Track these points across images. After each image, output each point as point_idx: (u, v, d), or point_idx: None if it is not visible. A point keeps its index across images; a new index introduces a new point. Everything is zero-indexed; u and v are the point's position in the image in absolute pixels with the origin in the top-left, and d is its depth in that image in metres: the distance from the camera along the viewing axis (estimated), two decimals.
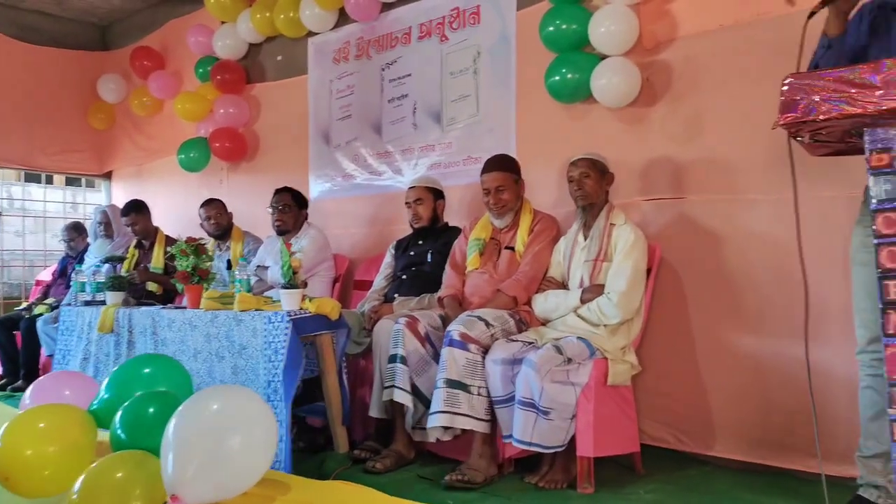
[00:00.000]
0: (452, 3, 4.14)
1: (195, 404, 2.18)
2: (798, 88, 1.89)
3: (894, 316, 1.85)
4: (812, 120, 1.86)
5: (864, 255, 2.12)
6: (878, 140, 1.86)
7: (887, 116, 1.79)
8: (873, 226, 1.87)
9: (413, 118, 4.36)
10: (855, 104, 1.80)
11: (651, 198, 3.30)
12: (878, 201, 1.87)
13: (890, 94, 1.76)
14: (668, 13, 3.28)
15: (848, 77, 1.81)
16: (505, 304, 3.11)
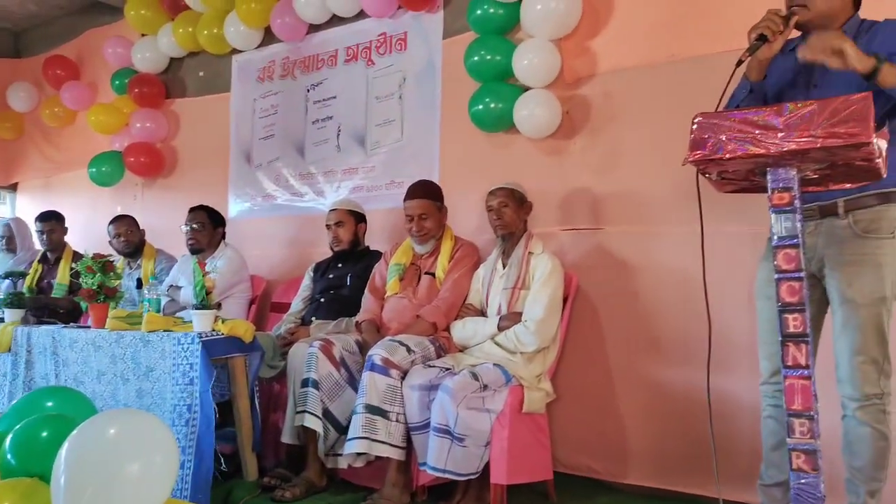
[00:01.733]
0: (380, 29, 4.15)
1: (91, 429, 2.05)
2: (707, 127, 1.95)
3: (793, 348, 1.92)
4: (719, 158, 1.93)
5: (768, 289, 2.20)
6: (779, 180, 1.94)
7: (788, 157, 1.87)
8: (775, 262, 1.95)
9: (337, 140, 4.33)
10: (758, 145, 1.87)
11: (569, 228, 3.36)
12: (779, 238, 1.94)
13: (790, 137, 1.83)
14: (589, 50, 3.37)
15: (753, 119, 1.89)
16: (424, 330, 3.09)
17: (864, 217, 2.06)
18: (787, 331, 1.92)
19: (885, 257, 2.04)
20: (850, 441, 2.08)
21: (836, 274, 2.08)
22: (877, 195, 2.06)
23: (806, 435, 1.90)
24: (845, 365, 2.06)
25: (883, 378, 2.04)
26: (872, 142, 1.75)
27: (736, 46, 2.21)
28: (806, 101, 1.83)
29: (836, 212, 2.09)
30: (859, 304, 2.02)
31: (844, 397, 2.08)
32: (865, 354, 2.02)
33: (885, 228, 2.06)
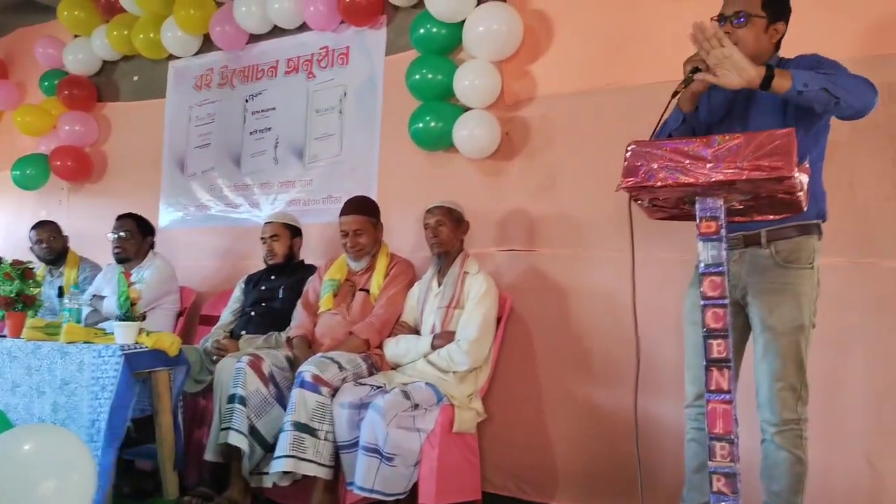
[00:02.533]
0: (322, 42, 4.13)
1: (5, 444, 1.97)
2: (640, 155, 1.99)
3: (716, 373, 1.96)
4: (650, 186, 1.97)
5: (695, 315, 2.25)
6: (707, 209, 1.99)
7: (716, 188, 1.93)
8: (701, 289, 2.00)
9: (274, 152, 4.27)
10: (688, 174, 1.91)
11: (505, 249, 3.39)
12: (706, 265, 1.99)
13: (718, 168, 1.88)
14: (529, 73, 3.42)
15: (683, 149, 1.94)
16: (357, 347, 3.06)
17: (785, 247, 2.13)
18: (711, 356, 1.97)
19: (804, 287, 2.11)
20: (769, 465, 2.13)
21: (757, 302, 2.14)
22: (797, 227, 2.14)
23: (726, 458, 1.94)
24: (765, 390, 2.11)
25: (800, 404, 2.10)
26: (794, 176, 1.81)
27: (670, 78, 2.26)
28: (734, 134, 1.89)
29: (759, 241, 2.16)
30: (779, 332, 2.09)
31: (763, 422, 2.13)
32: (784, 381, 2.08)
33: (805, 259, 2.13)
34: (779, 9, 2.17)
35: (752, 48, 2.11)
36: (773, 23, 2.15)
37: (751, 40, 2.12)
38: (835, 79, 1.95)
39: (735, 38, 2.09)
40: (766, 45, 2.17)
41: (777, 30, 2.18)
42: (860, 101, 1.97)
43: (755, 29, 2.13)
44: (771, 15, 2.14)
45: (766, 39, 2.16)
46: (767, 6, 2.13)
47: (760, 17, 2.13)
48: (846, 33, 2.71)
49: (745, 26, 2.12)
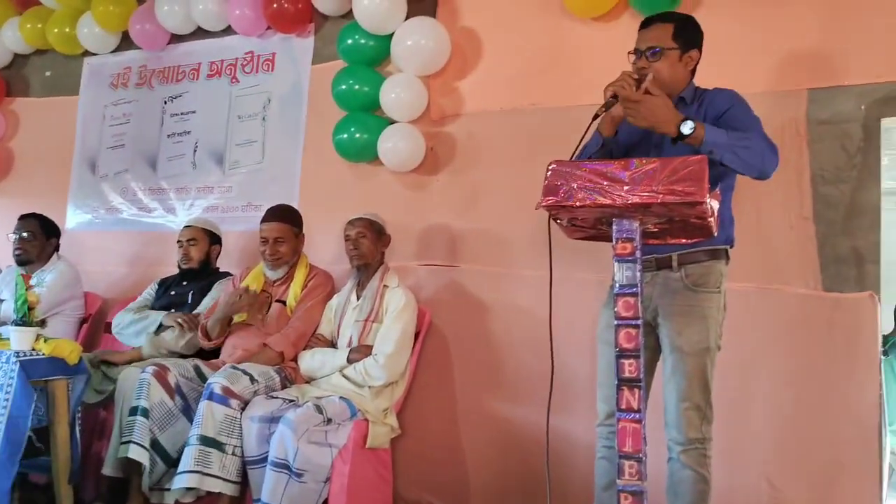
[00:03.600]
0: (247, 47, 4.04)
1: None
2: (560, 175, 2.02)
3: (626, 392, 1.99)
4: (569, 205, 2.00)
5: (608, 335, 2.28)
6: (623, 230, 2.03)
7: (632, 210, 1.96)
8: (615, 309, 2.03)
9: (193, 157, 4.15)
10: (606, 195, 1.94)
11: (426, 263, 3.38)
12: (620, 286, 2.02)
13: (635, 190, 1.92)
14: (456, 90, 3.44)
15: (602, 170, 1.97)
16: (270, 360, 2.98)
17: (695, 271, 2.20)
18: (623, 375, 1.99)
19: (711, 310, 2.18)
20: (674, 483, 2.17)
21: (667, 323, 2.19)
22: (707, 251, 2.20)
23: (634, 477, 1.97)
24: (672, 410, 2.16)
25: (705, 424, 2.15)
26: (705, 201, 1.87)
27: (593, 101, 2.30)
28: (650, 159, 1.94)
29: (670, 265, 2.21)
30: (686, 353, 2.14)
31: (670, 441, 2.17)
32: (690, 401, 2.13)
33: (713, 283, 2.20)
34: (690, 38, 2.25)
35: (667, 78, 2.20)
36: (686, 52, 2.23)
37: (666, 71, 2.20)
38: (743, 143, 2.04)
39: (651, 70, 2.17)
40: (681, 74, 2.25)
41: (691, 57, 2.26)
42: (759, 169, 2.08)
43: (669, 60, 2.21)
44: (683, 45, 2.22)
45: (681, 68, 2.24)
46: (678, 37, 2.21)
47: (673, 48, 2.21)
48: (756, 68, 2.83)
49: (659, 59, 2.20)
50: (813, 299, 2.67)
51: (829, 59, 2.75)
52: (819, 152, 2.72)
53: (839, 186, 2.69)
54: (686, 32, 2.24)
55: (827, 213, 2.70)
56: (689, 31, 2.26)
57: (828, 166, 2.71)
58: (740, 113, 2.17)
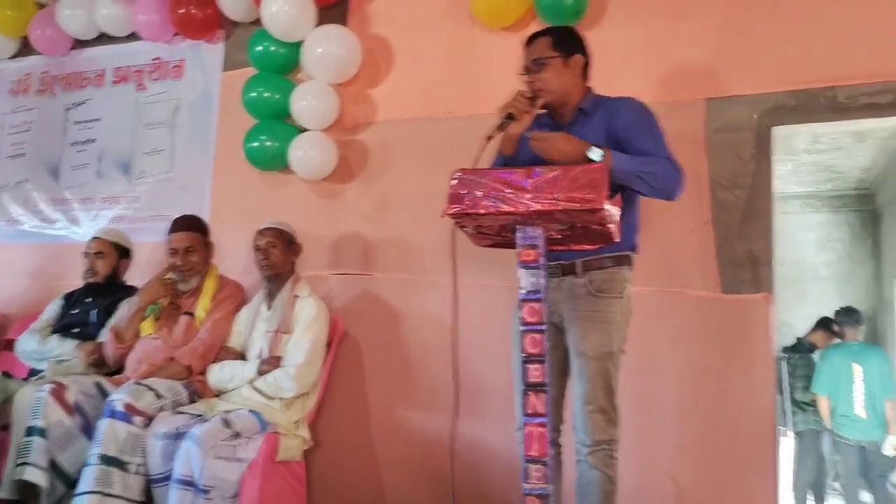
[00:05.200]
0: (154, 53, 3.94)
1: None
2: (465, 183, 2.04)
3: (533, 398, 2.02)
4: (474, 213, 2.02)
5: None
6: (527, 237, 2.06)
7: (535, 217, 2.00)
8: (521, 314, 2.06)
9: (98, 166, 4.01)
10: (509, 203, 1.98)
11: (339, 272, 3.35)
12: (526, 292, 2.06)
13: (537, 198, 1.96)
14: (368, 98, 3.44)
15: (506, 178, 2.00)
16: (177, 374, 2.89)
17: (598, 277, 2.24)
18: (529, 380, 2.03)
19: (614, 315, 2.23)
20: (582, 484, 2.21)
21: (572, 328, 2.23)
22: (611, 258, 2.25)
23: (541, 480, 2.00)
24: (578, 413, 2.20)
25: (611, 426, 2.20)
26: (604, 208, 1.92)
27: None
28: (552, 167, 1.98)
29: (574, 271, 2.25)
30: (590, 358, 2.18)
31: (578, 443, 2.21)
32: (594, 404, 2.18)
33: (616, 289, 2.25)
34: (569, 44, 2.31)
35: (556, 86, 2.26)
36: (569, 57, 2.29)
37: (553, 80, 2.26)
38: (650, 169, 2.12)
39: (540, 83, 2.24)
40: (570, 79, 2.30)
41: (576, 62, 2.31)
42: (665, 193, 2.17)
43: (554, 69, 2.26)
44: (564, 52, 2.28)
45: (568, 74, 2.29)
46: (558, 46, 2.28)
47: (555, 56, 2.27)
48: (656, 78, 2.93)
49: (544, 69, 2.26)
50: (712, 301, 2.77)
51: (724, 69, 2.87)
52: (716, 159, 2.84)
53: (735, 192, 2.80)
54: (565, 41, 2.31)
55: (724, 217, 2.81)
56: (568, 39, 2.33)
57: (724, 173, 2.83)
58: (645, 132, 2.23)
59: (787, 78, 2.77)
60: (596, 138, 2.19)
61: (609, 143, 2.20)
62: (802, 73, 2.75)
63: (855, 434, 5.16)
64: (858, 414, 5.14)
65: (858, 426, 5.16)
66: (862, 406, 5.13)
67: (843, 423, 5.20)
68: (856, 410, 5.14)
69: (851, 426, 5.17)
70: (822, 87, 2.73)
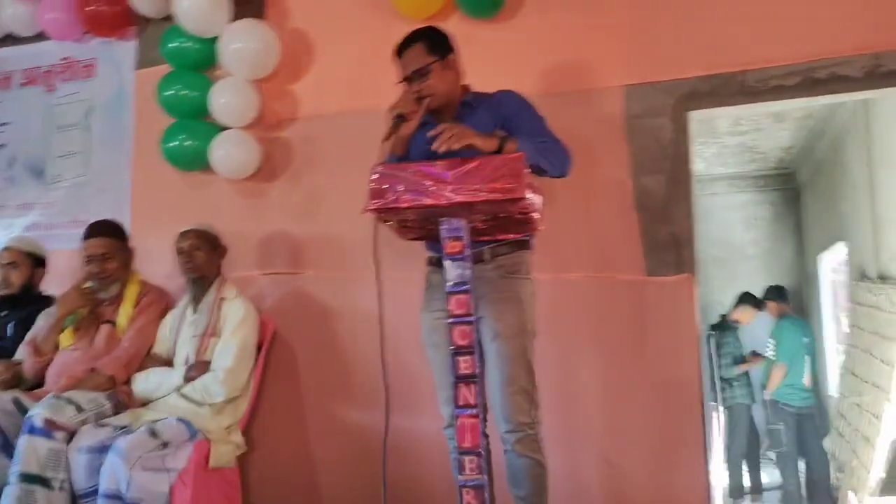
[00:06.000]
0: (63, 52, 3.80)
1: None
2: (386, 177, 2.03)
3: (464, 389, 2.03)
4: (396, 208, 2.01)
5: (434, 336, 2.33)
6: (452, 229, 2.07)
7: (458, 209, 2.00)
8: (448, 307, 2.05)
9: (9, 171, 3.85)
10: (431, 196, 1.97)
11: (268, 272, 3.30)
12: (453, 284, 2.06)
13: (459, 190, 1.96)
14: (290, 93, 3.38)
15: (427, 171, 2.00)
16: (100, 385, 2.78)
17: (507, 262, 2.28)
18: (459, 372, 2.03)
19: (524, 294, 2.27)
20: (513, 473, 2.23)
21: (487, 311, 2.22)
22: (514, 243, 2.30)
23: (475, 471, 2.01)
24: (498, 397, 2.20)
25: (533, 408, 2.22)
26: (525, 197, 1.93)
27: None
28: (473, 157, 1.97)
29: (483, 258, 2.26)
30: (507, 337, 2.20)
31: (502, 432, 2.22)
32: (516, 384, 2.19)
33: (524, 271, 2.30)
34: (442, 45, 2.34)
35: (444, 89, 2.30)
36: (444, 58, 2.31)
37: (440, 84, 2.29)
38: (548, 148, 2.17)
39: (427, 89, 2.26)
40: (451, 79, 2.34)
41: (452, 60, 2.34)
42: (560, 170, 2.23)
43: (436, 74, 2.28)
44: (440, 54, 2.30)
45: (448, 74, 2.33)
46: (433, 51, 2.30)
47: (434, 61, 2.28)
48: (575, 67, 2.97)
49: (428, 77, 2.27)
50: (638, 284, 2.82)
51: (640, 56, 2.91)
52: (637, 146, 2.88)
53: (656, 177, 2.86)
54: (438, 43, 2.33)
55: (647, 202, 2.86)
56: (439, 40, 2.34)
57: (645, 158, 2.87)
58: (531, 119, 2.29)
59: (701, 63, 2.83)
60: (485, 129, 2.20)
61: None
62: (715, 58, 2.82)
63: (797, 401, 5.43)
64: (804, 383, 5.46)
65: (801, 394, 5.47)
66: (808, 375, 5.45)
67: (787, 391, 5.47)
68: (803, 380, 5.44)
69: (795, 395, 5.45)
70: (733, 71, 2.80)
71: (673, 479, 2.71)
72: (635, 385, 2.78)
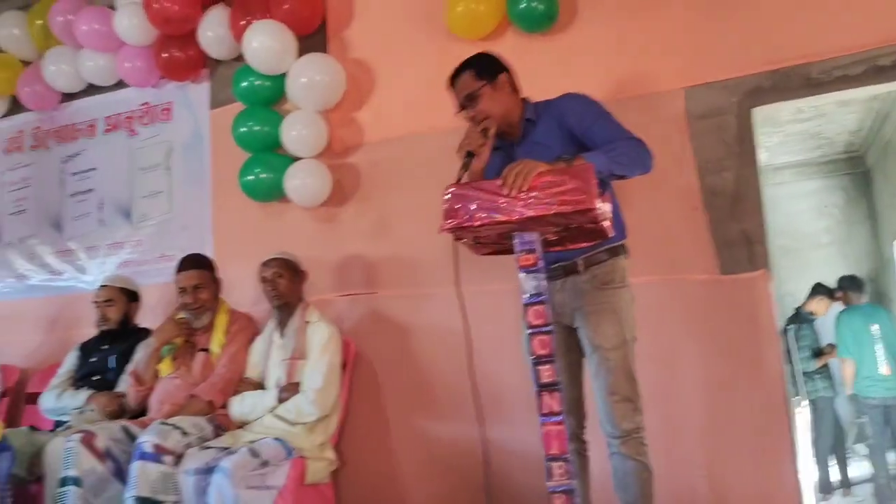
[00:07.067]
0: (142, 98, 4.02)
1: None
2: (458, 197, 2.11)
3: (547, 397, 2.08)
4: (470, 226, 2.09)
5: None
6: (524, 243, 2.12)
7: (529, 223, 2.07)
8: (526, 318, 2.12)
9: (99, 214, 4.08)
10: (503, 213, 2.04)
11: (345, 294, 3.42)
12: (529, 296, 2.12)
13: (531, 205, 2.02)
14: (355, 121, 3.51)
15: (497, 189, 2.07)
16: (200, 410, 2.95)
17: (600, 271, 2.32)
18: (541, 381, 2.09)
19: (621, 304, 2.30)
20: (619, 477, 2.27)
21: (584, 324, 2.30)
22: (607, 251, 2.33)
23: (563, 477, 2.05)
24: (602, 405, 2.26)
25: (636, 414, 2.26)
26: (595, 207, 1.98)
27: None
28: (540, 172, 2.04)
29: (577, 269, 2.32)
30: (606, 349, 2.25)
31: (608, 436, 2.27)
32: (618, 393, 2.24)
33: (618, 279, 2.33)
34: (490, 69, 2.38)
35: (497, 110, 2.33)
36: (494, 80, 2.36)
37: (491, 106, 2.33)
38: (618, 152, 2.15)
39: (481, 114, 2.31)
40: (504, 99, 2.37)
41: (502, 81, 2.38)
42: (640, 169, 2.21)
43: (486, 96, 2.34)
44: (489, 78, 2.35)
45: (501, 96, 2.36)
46: (481, 75, 2.35)
47: (483, 85, 2.34)
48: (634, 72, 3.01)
49: (479, 101, 2.33)
50: (712, 284, 2.83)
51: (699, 57, 2.93)
52: (701, 146, 2.90)
53: (722, 175, 2.87)
54: (485, 67, 2.37)
55: (715, 201, 2.87)
56: (487, 64, 2.39)
57: (710, 158, 2.89)
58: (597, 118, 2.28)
59: (762, 59, 2.83)
60: (554, 139, 2.26)
61: (567, 140, 2.28)
62: (776, 53, 2.82)
63: (880, 392, 5.21)
64: (882, 372, 5.20)
65: (883, 384, 5.20)
66: (886, 364, 5.19)
67: (867, 384, 5.25)
68: (880, 370, 5.20)
69: (876, 386, 5.22)
70: (796, 64, 2.79)
71: (764, 476, 2.70)
72: (719, 385, 2.78)
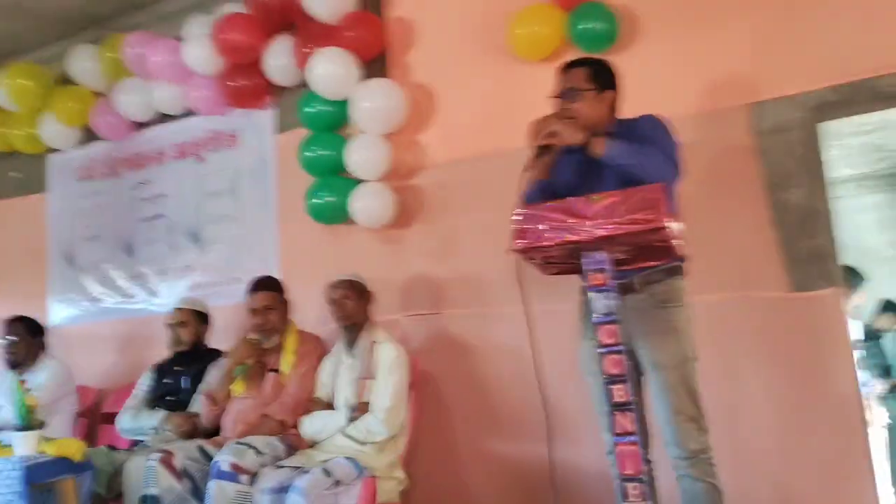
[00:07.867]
0: (209, 126, 4.16)
1: None
2: (528, 218, 2.13)
3: (620, 417, 2.08)
4: (539, 246, 2.11)
5: (592, 366, 2.37)
6: (593, 262, 2.13)
7: (599, 242, 2.08)
8: (598, 337, 2.12)
9: (169, 239, 4.22)
10: (573, 232, 2.06)
11: (411, 314, 3.46)
12: (600, 315, 2.13)
13: (600, 224, 2.04)
14: (418, 143, 3.57)
15: (566, 208, 2.09)
16: (272, 430, 3.02)
17: (658, 290, 2.31)
18: (614, 401, 2.09)
19: (681, 323, 2.29)
20: (689, 499, 2.24)
21: (644, 343, 2.29)
22: (664, 270, 2.32)
23: (639, 498, 2.04)
24: (667, 426, 2.25)
25: (703, 434, 2.24)
26: (665, 226, 1.99)
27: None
28: (610, 192, 2.05)
29: (633, 288, 2.31)
30: (669, 368, 2.24)
31: (674, 458, 2.25)
32: (683, 413, 2.22)
33: (677, 298, 2.32)
34: (604, 81, 2.39)
35: (588, 117, 2.33)
36: (602, 92, 2.37)
37: (585, 110, 2.33)
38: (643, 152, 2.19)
39: (571, 111, 2.32)
40: (600, 112, 2.37)
41: (608, 96, 2.39)
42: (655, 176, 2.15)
43: (587, 101, 2.34)
44: (598, 86, 2.36)
45: (600, 107, 2.37)
46: (594, 80, 2.36)
47: (590, 89, 2.35)
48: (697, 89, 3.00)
49: (577, 99, 2.33)
50: (783, 301, 2.79)
51: (763, 73, 2.91)
52: (768, 162, 2.87)
53: (791, 191, 2.83)
54: (601, 75, 2.38)
55: (784, 217, 2.83)
56: (604, 74, 2.40)
57: (778, 174, 2.85)
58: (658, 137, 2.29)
59: (828, 73, 2.80)
60: None
61: None
62: (842, 67, 2.78)
63: None
64: None
65: None
66: None
67: None
68: None
69: None
70: (863, 78, 2.75)
71: (841, 500, 2.64)
72: (793, 404, 2.73)
